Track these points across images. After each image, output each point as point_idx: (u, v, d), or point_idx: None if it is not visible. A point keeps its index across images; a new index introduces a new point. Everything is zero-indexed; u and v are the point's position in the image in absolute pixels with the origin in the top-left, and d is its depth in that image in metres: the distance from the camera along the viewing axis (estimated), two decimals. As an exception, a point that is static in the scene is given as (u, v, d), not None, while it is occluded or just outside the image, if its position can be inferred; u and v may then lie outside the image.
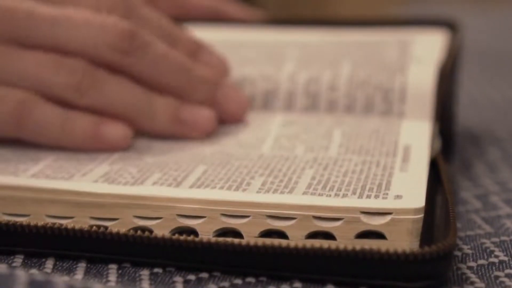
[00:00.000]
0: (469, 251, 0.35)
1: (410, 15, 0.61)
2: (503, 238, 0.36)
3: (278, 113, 0.43)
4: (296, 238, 0.32)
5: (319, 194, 0.33)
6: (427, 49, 0.47)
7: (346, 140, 0.39)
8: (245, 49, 0.49)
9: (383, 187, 0.34)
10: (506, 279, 0.32)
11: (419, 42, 0.48)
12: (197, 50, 0.43)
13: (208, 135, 0.40)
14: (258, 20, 0.55)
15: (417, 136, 0.40)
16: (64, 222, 0.34)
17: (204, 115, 0.40)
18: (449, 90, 0.46)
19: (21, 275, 0.29)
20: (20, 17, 0.39)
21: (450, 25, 0.49)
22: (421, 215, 0.32)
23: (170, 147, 0.39)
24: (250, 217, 0.33)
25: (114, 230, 0.33)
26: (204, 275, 0.32)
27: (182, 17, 0.53)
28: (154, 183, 0.35)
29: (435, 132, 0.41)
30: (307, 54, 0.48)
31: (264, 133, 0.41)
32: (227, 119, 0.42)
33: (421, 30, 0.49)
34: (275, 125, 0.42)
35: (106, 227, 0.33)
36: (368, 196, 0.33)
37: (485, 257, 0.34)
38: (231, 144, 0.40)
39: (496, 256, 0.34)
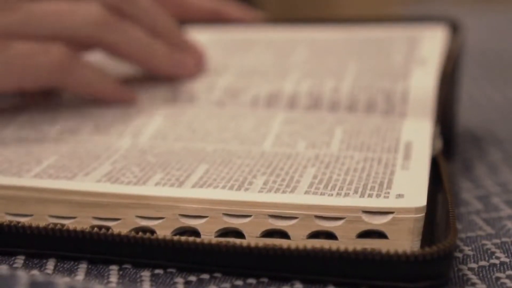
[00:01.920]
0: (470, 253, 0.35)
1: (411, 15, 0.61)
2: (504, 239, 0.36)
3: (280, 111, 0.43)
4: (298, 238, 0.32)
5: (321, 194, 0.33)
6: (431, 48, 0.47)
7: (347, 137, 0.39)
8: (252, 52, 0.49)
9: (385, 185, 0.34)
10: (507, 281, 0.32)
11: (425, 39, 0.48)
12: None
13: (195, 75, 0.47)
14: (259, 21, 0.55)
15: (419, 133, 0.39)
16: (66, 222, 0.34)
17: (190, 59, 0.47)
18: (450, 91, 0.46)
19: (22, 276, 0.29)
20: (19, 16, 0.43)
21: (451, 24, 0.49)
22: (423, 214, 0.32)
23: (171, 145, 0.39)
24: (252, 217, 0.33)
25: (115, 231, 0.33)
26: (205, 276, 0.32)
27: (183, 20, 0.53)
28: (157, 184, 0.35)
29: (436, 132, 0.41)
30: (313, 56, 0.48)
31: (265, 130, 0.41)
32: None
33: (424, 28, 0.49)
34: (277, 122, 0.42)
35: (108, 228, 0.33)
36: (370, 195, 0.33)
37: (486, 258, 0.34)
38: (232, 140, 0.40)
39: (497, 258, 0.34)
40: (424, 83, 0.44)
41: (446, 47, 0.47)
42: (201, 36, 0.51)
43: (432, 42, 0.48)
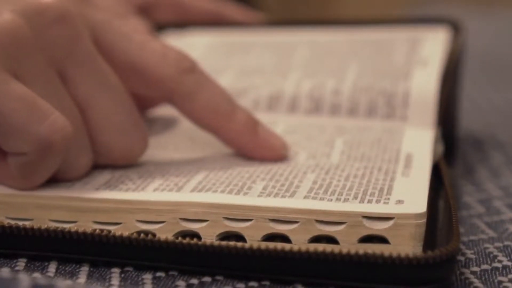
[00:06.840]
0: (473, 256, 0.35)
1: (413, 16, 0.61)
2: (506, 243, 0.36)
3: (280, 119, 0.43)
4: (299, 242, 0.32)
5: (320, 199, 0.33)
6: (432, 49, 0.47)
7: (348, 148, 0.39)
8: (253, 53, 0.49)
9: (385, 191, 0.34)
10: (509, 284, 0.32)
11: (427, 40, 0.48)
12: None
13: (278, 159, 0.39)
14: (259, 23, 0.55)
15: (420, 144, 0.39)
16: (67, 226, 0.34)
17: (277, 140, 0.39)
18: (452, 94, 0.46)
19: (24, 278, 0.29)
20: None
21: (453, 25, 0.49)
22: (424, 220, 0.32)
23: (170, 156, 0.39)
24: (253, 221, 0.33)
25: (117, 233, 0.33)
26: (207, 279, 0.32)
27: (185, 22, 0.53)
28: (156, 189, 0.35)
29: (437, 136, 0.41)
30: (314, 57, 0.48)
31: None
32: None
33: (426, 29, 0.49)
34: (277, 132, 0.42)
35: (109, 231, 0.33)
36: (370, 201, 0.33)
37: (489, 262, 0.34)
38: (232, 153, 0.39)
39: (500, 261, 0.34)
40: (425, 84, 0.44)
41: (448, 48, 0.47)
42: (202, 38, 0.51)
43: (433, 43, 0.48)
